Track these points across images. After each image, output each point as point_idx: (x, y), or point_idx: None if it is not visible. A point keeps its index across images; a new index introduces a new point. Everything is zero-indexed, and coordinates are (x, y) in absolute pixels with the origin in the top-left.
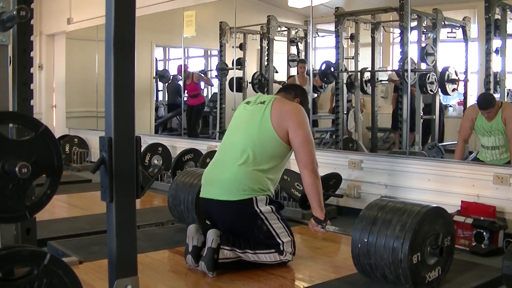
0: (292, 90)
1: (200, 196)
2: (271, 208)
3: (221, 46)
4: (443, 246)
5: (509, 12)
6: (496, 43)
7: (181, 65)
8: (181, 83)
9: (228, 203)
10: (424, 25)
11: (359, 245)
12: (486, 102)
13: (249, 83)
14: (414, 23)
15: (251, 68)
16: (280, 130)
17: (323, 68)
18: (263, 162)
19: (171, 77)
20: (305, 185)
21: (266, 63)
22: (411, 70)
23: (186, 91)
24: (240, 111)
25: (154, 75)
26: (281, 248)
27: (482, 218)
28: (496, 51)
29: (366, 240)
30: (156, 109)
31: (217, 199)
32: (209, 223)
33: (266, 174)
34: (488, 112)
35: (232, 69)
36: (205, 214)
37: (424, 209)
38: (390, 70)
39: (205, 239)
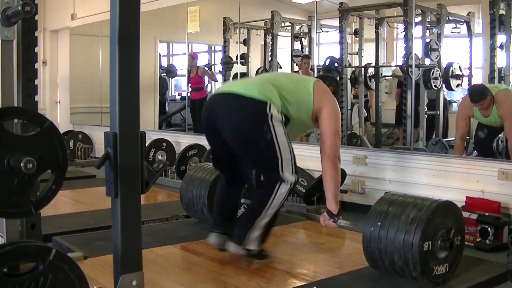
0: (327, 79)
1: (212, 94)
2: (282, 117)
3: (225, 41)
4: (453, 241)
5: None
6: (500, 38)
7: (190, 53)
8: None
9: (241, 97)
10: (428, 20)
11: (371, 229)
12: (477, 94)
13: None
14: (418, 19)
15: (255, 63)
16: (317, 103)
17: (327, 63)
18: (289, 93)
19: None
20: (324, 176)
21: (270, 58)
22: (415, 66)
23: (189, 84)
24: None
25: (161, 70)
26: (279, 166)
27: (486, 214)
28: (501, 47)
29: (379, 224)
30: (164, 104)
31: (229, 91)
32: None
33: (286, 104)
34: (481, 105)
35: (236, 63)
36: (208, 112)
37: (436, 202)
38: (394, 66)
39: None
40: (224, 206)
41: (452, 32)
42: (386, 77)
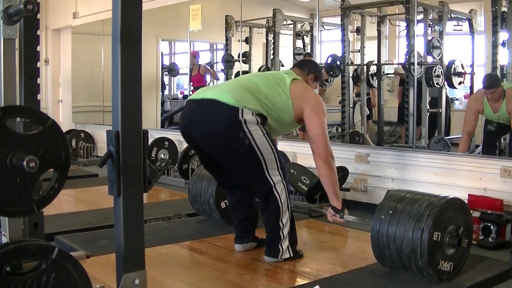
0: (305, 66)
1: (186, 100)
2: (257, 119)
3: (227, 40)
4: (461, 239)
5: None
6: (502, 35)
7: (192, 51)
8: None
9: (214, 102)
10: (430, 18)
11: (383, 217)
12: (491, 81)
13: None
14: (420, 16)
15: (257, 62)
16: (296, 103)
17: (329, 61)
18: (266, 97)
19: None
20: (320, 176)
21: (272, 56)
22: (417, 63)
23: (191, 83)
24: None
25: (162, 68)
26: (263, 168)
27: (489, 212)
28: (503, 44)
29: (390, 212)
30: (162, 103)
31: (204, 98)
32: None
33: (264, 106)
34: (492, 93)
35: (238, 61)
36: (184, 123)
37: (448, 198)
38: (396, 64)
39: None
40: (241, 220)
41: (454, 30)
42: (388, 75)
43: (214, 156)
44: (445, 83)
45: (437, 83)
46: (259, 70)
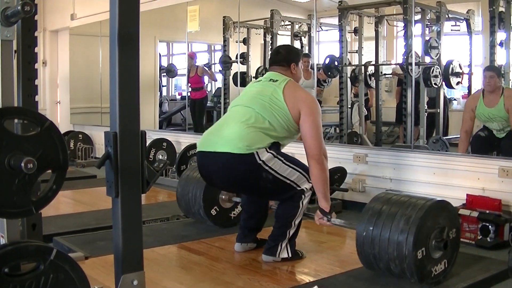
0: (282, 61)
1: (197, 150)
2: (272, 154)
3: (224, 40)
4: (447, 240)
5: None
6: (500, 36)
7: (189, 52)
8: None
9: (229, 156)
10: (428, 18)
11: (364, 233)
12: (491, 66)
13: (253, 77)
14: (418, 16)
15: (255, 62)
16: (293, 110)
17: (327, 62)
18: (270, 123)
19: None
20: (311, 176)
21: (269, 57)
22: (415, 64)
23: (189, 84)
24: (249, 87)
25: (160, 69)
26: (294, 186)
27: (487, 212)
28: (501, 44)
29: (371, 228)
30: (160, 104)
31: (217, 151)
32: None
33: (272, 133)
34: (492, 77)
35: (235, 62)
36: (204, 172)
37: (428, 203)
38: (394, 64)
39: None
40: (248, 216)
41: (451, 30)
42: (386, 75)
43: (245, 194)
44: (443, 83)
45: (435, 83)
46: (257, 71)
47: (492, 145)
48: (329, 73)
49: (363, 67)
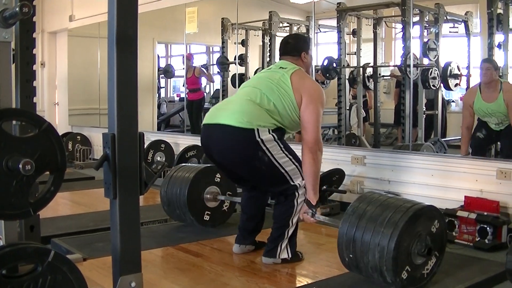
0: (293, 50)
1: (202, 124)
2: (273, 135)
3: (223, 42)
4: (430, 247)
5: (511, 6)
6: (498, 37)
7: (185, 55)
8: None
9: (230, 128)
10: (426, 20)
11: (345, 235)
12: (489, 58)
13: None
14: (416, 18)
15: (253, 64)
16: (298, 96)
17: (325, 63)
18: (274, 105)
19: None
20: (303, 166)
21: (268, 59)
22: (414, 65)
23: (186, 85)
24: (260, 72)
25: (159, 71)
26: (287, 179)
27: (485, 213)
28: (499, 46)
29: (351, 256)
30: (159, 106)
31: (218, 123)
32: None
33: (275, 117)
34: (488, 69)
35: (233, 63)
36: (205, 144)
37: (417, 206)
38: (393, 66)
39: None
40: (247, 218)
41: (450, 32)
42: (385, 77)
43: (238, 172)
44: (441, 85)
45: (433, 85)
46: (255, 73)
47: (491, 142)
48: (328, 74)
49: (361, 69)
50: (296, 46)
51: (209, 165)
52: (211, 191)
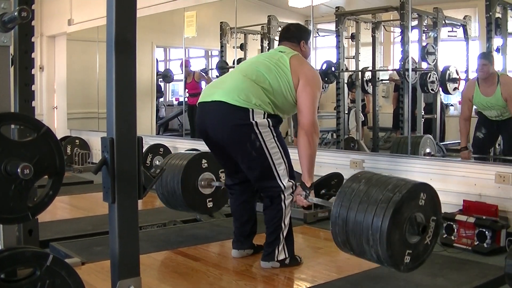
0: (293, 37)
1: (198, 102)
2: (268, 121)
3: (221, 46)
4: (426, 226)
5: (509, 10)
6: (497, 41)
7: (183, 60)
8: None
9: (225, 105)
10: (424, 24)
11: (337, 214)
12: (485, 53)
13: None
14: (414, 22)
15: None
16: (295, 78)
17: (324, 67)
18: (270, 84)
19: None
20: (298, 149)
21: None
22: (412, 69)
23: (186, 90)
24: (259, 55)
25: (157, 75)
26: (274, 174)
27: (484, 217)
28: (497, 50)
29: (345, 210)
30: (157, 110)
31: (214, 100)
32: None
33: (270, 96)
34: (485, 65)
35: (232, 67)
36: (199, 121)
37: (412, 183)
38: (391, 70)
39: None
40: (241, 224)
41: (448, 36)
42: (383, 81)
43: (230, 155)
44: (440, 89)
45: (432, 89)
46: None
47: (491, 140)
48: (326, 78)
49: (360, 73)
50: (296, 34)
51: (194, 155)
52: (205, 178)
